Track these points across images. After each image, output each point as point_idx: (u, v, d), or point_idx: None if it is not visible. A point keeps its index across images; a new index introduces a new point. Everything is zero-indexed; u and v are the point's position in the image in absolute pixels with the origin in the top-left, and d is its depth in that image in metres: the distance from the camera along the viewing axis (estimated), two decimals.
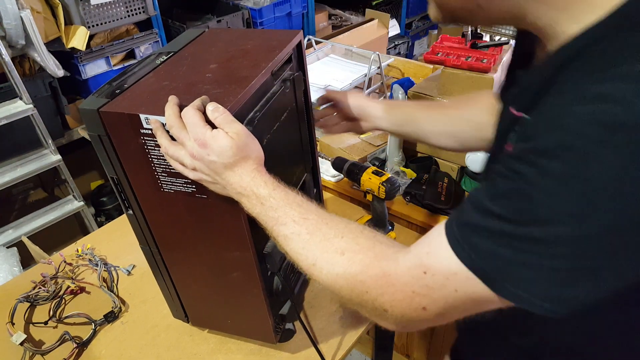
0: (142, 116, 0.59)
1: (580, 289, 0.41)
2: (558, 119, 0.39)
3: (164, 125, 0.58)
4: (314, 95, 0.91)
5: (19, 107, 1.75)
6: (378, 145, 1.29)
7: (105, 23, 2.01)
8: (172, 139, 0.59)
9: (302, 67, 0.81)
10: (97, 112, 0.60)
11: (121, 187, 0.69)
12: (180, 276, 0.81)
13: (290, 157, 0.83)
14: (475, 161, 1.12)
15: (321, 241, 0.55)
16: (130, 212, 0.72)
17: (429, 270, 0.47)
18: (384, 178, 0.99)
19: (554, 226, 0.39)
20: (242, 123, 0.58)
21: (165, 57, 0.73)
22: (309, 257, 0.55)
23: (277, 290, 0.78)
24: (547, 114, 0.42)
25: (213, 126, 0.57)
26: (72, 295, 0.98)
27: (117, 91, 0.64)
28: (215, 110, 0.56)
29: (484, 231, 0.44)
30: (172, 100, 0.58)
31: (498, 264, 0.43)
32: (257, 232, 0.68)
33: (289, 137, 0.81)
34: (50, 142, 1.88)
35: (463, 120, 0.85)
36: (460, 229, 0.46)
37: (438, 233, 0.48)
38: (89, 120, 0.62)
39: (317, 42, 1.70)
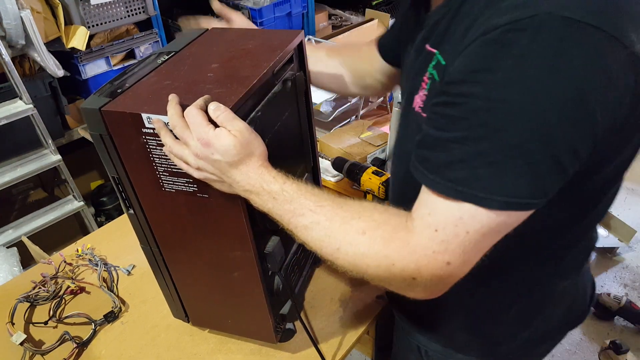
0: (144, 115, 0.59)
1: (554, 175, 0.46)
2: (483, 36, 0.44)
3: (166, 124, 0.59)
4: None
5: (19, 107, 1.75)
6: (378, 145, 1.29)
7: (105, 23, 2.01)
8: (176, 138, 0.59)
9: (303, 67, 0.81)
10: (99, 111, 0.60)
11: (122, 187, 0.69)
12: (181, 276, 0.81)
13: (290, 157, 0.83)
14: None
15: (341, 225, 0.56)
16: (131, 211, 0.72)
17: (437, 226, 0.49)
18: (384, 178, 0.99)
19: (520, 126, 0.43)
20: (245, 122, 0.59)
21: (166, 57, 0.73)
22: (332, 243, 0.56)
23: (278, 290, 0.78)
24: (470, 36, 0.46)
25: (216, 125, 0.57)
26: (72, 295, 0.98)
27: (119, 90, 0.64)
28: (217, 109, 0.57)
29: (457, 162, 0.47)
30: (174, 100, 0.58)
31: (483, 183, 0.46)
32: (258, 232, 0.68)
33: (290, 137, 0.81)
34: (50, 142, 1.88)
35: (347, 65, 0.92)
36: (439, 175, 0.49)
37: (425, 192, 0.51)
38: (90, 120, 0.62)
39: (317, 42, 1.70)
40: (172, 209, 0.69)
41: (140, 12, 2.11)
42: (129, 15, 2.08)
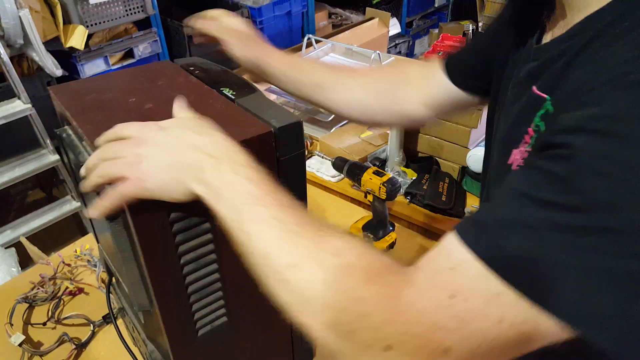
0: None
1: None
2: (621, 78, 0.31)
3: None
4: None
5: (17, 106, 1.75)
6: (378, 145, 1.28)
7: (104, 22, 2.01)
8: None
9: None
10: None
11: None
12: None
13: None
14: (477, 161, 1.12)
15: (312, 236, 0.40)
16: None
17: (458, 292, 0.33)
18: (384, 178, 0.99)
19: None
20: None
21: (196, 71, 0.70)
22: (290, 254, 0.39)
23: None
24: (597, 77, 0.34)
25: None
26: (71, 296, 0.98)
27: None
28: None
29: (527, 227, 0.32)
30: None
31: (555, 270, 0.31)
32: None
33: None
34: (48, 142, 1.87)
35: (375, 86, 0.75)
36: (490, 228, 0.34)
37: (454, 241, 0.35)
38: None
39: (317, 41, 1.69)
40: None
41: (139, 11, 2.10)
42: (127, 14, 2.07)
